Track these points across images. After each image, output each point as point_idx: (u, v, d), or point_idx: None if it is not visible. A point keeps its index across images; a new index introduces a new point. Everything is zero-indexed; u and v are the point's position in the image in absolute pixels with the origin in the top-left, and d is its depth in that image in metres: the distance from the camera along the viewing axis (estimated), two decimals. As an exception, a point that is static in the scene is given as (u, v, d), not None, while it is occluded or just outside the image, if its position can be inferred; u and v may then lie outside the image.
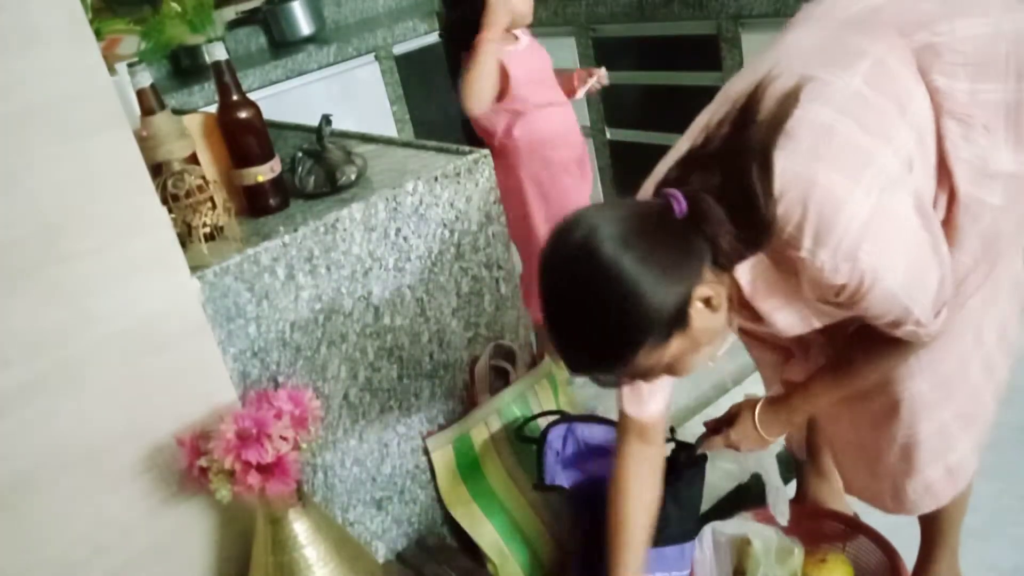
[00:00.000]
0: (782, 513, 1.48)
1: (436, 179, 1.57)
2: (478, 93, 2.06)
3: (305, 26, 3.51)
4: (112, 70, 1.52)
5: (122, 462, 1.29)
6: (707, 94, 1.29)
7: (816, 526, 1.59)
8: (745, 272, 1.08)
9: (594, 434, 1.67)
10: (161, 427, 1.30)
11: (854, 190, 1.01)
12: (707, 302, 1.03)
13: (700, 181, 1.04)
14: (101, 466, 1.27)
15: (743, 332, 1.47)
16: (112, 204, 1.20)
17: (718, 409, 2.18)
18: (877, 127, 1.06)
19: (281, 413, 1.28)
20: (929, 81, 1.12)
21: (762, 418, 1.32)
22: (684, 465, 1.47)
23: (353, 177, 1.56)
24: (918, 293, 1.08)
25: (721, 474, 1.66)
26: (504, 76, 2.10)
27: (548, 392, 1.82)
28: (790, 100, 1.04)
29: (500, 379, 1.76)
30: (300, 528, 1.32)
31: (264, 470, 1.23)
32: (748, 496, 1.79)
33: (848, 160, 1.03)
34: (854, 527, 1.57)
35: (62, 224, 1.17)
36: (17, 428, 1.18)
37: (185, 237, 1.36)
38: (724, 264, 1.05)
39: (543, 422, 1.70)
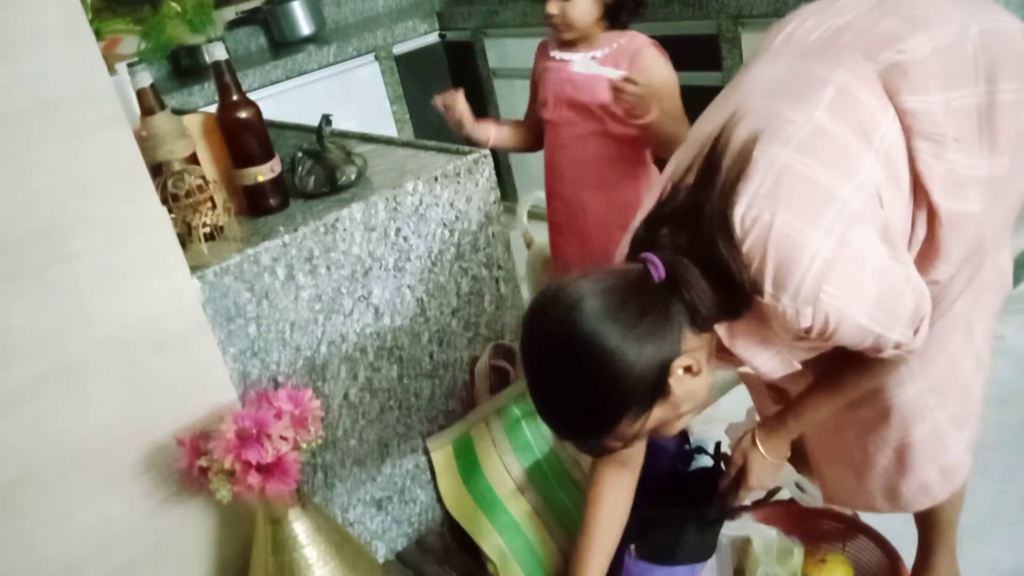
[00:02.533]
0: (816, 499, 1.46)
1: (436, 179, 1.57)
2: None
3: (305, 26, 3.51)
4: (112, 70, 1.52)
5: (122, 462, 1.29)
6: (707, 94, 1.29)
7: (816, 526, 1.59)
8: (723, 328, 1.09)
9: None
10: (161, 427, 1.30)
11: (812, 232, 1.01)
12: (687, 369, 1.05)
13: (670, 239, 1.05)
14: (101, 466, 1.27)
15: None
16: (112, 204, 1.20)
17: (717, 409, 2.18)
18: (839, 162, 1.06)
19: (281, 413, 1.28)
20: (897, 103, 1.11)
21: (767, 448, 1.31)
22: (717, 516, 1.43)
23: (353, 177, 1.56)
24: (891, 322, 1.08)
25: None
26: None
27: None
28: (749, 146, 1.04)
29: (500, 379, 1.77)
30: (300, 528, 1.32)
31: (264, 470, 1.23)
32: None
33: (806, 201, 1.02)
34: (854, 527, 1.57)
35: (62, 224, 1.17)
36: (17, 428, 1.18)
37: (185, 237, 1.36)
38: (703, 325, 1.06)
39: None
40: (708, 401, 1.18)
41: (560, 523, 1.74)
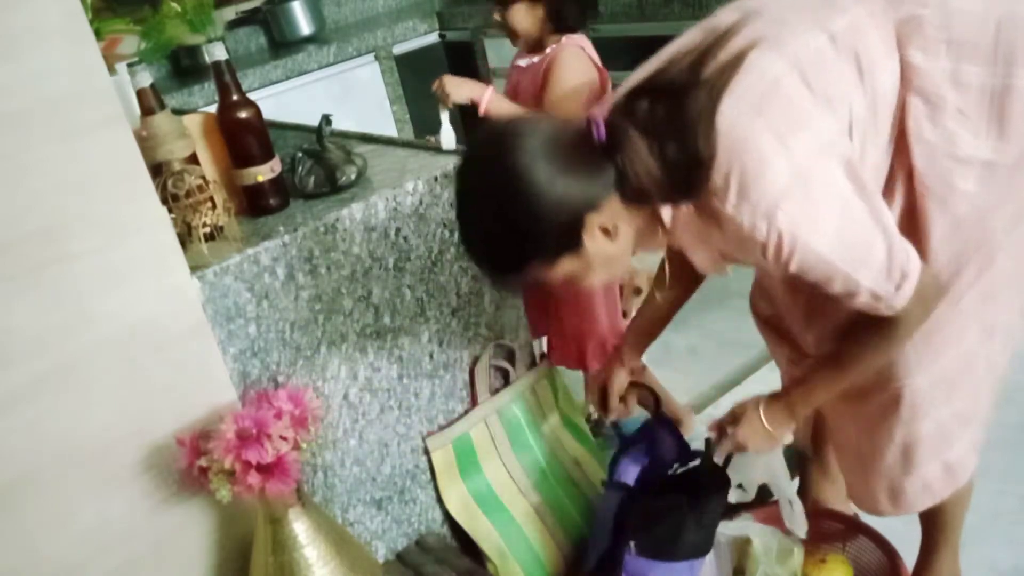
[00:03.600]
0: (800, 526, 1.46)
1: (436, 179, 1.57)
2: None
3: (305, 26, 3.51)
4: (112, 70, 1.52)
5: (122, 462, 1.29)
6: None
7: (816, 526, 1.59)
8: (667, 211, 1.11)
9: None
10: (161, 427, 1.30)
11: (782, 152, 1.03)
12: (604, 230, 1.07)
13: (647, 111, 1.06)
14: (101, 466, 1.27)
15: (762, 326, 1.48)
16: (112, 204, 1.20)
17: (718, 409, 2.18)
18: (826, 89, 1.07)
19: (281, 413, 1.28)
20: (904, 55, 1.12)
21: (767, 414, 1.32)
22: (711, 489, 1.44)
23: (353, 177, 1.56)
24: (858, 261, 1.08)
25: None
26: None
27: (548, 392, 1.82)
28: (750, 48, 1.07)
29: (500, 379, 1.77)
30: (300, 528, 1.32)
31: (264, 470, 1.23)
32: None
33: (785, 119, 1.04)
34: (854, 527, 1.57)
35: (62, 224, 1.17)
36: (17, 428, 1.18)
37: (185, 237, 1.36)
38: (635, 198, 1.07)
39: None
40: (622, 269, 1.20)
41: (560, 523, 1.74)
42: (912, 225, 1.18)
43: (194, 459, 1.25)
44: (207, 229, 1.39)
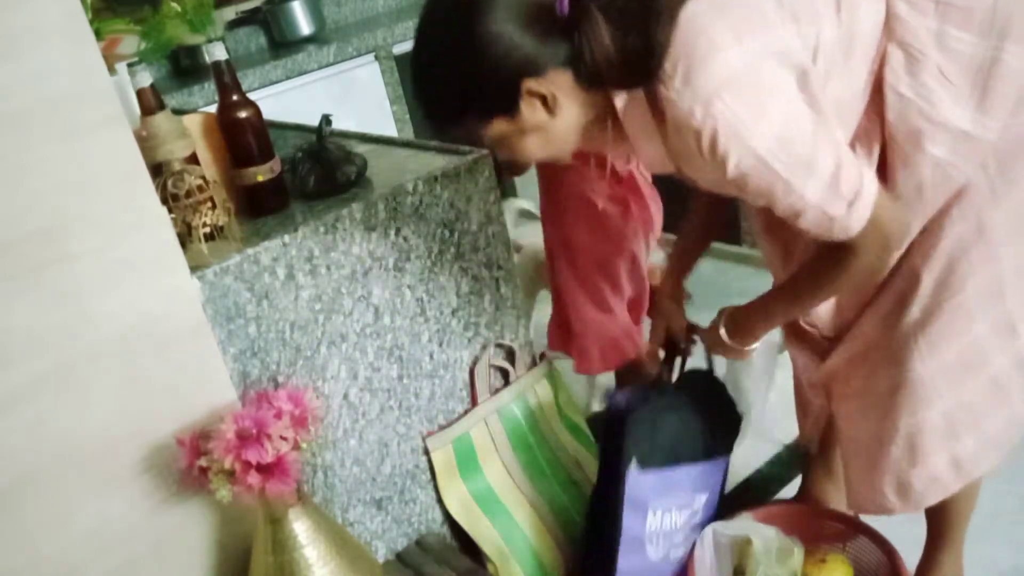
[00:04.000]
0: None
1: (436, 179, 1.57)
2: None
3: (305, 26, 3.51)
4: (112, 70, 1.52)
5: (122, 462, 1.29)
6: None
7: (816, 526, 1.59)
8: (621, 97, 1.11)
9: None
10: (161, 427, 1.30)
11: (734, 45, 1.02)
12: (542, 99, 1.08)
13: None
14: (101, 466, 1.27)
15: (787, 329, 1.49)
16: (112, 204, 1.20)
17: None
18: (795, 6, 1.07)
19: (281, 413, 1.28)
20: (890, 3, 1.12)
21: (727, 323, 1.38)
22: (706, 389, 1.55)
23: (353, 177, 1.56)
24: (801, 170, 1.06)
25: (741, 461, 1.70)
26: None
27: (548, 392, 1.82)
28: None
29: (501, 379, 1.77)
30: (300, 528, 1.32)
31: (264, 470, 1.23)
32: (749, 496, 1.80)
33: (745, 20, 1.04)
34: (854, 527, 1.57)
35: (62, 224, 1.17)
36: (17, 428, 1.18)
37: (185, 237, 1.36)
38: (588, 80, 1.08)
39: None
40: (565, 150, 1.20)
41: (560, 523, 1.74)
42: (882, 181, 1.18)
43: (194, 459, 1.25)
44: (207, 229, 1.39)
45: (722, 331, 1.38)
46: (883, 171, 1.19)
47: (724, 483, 1.66)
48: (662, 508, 1.53)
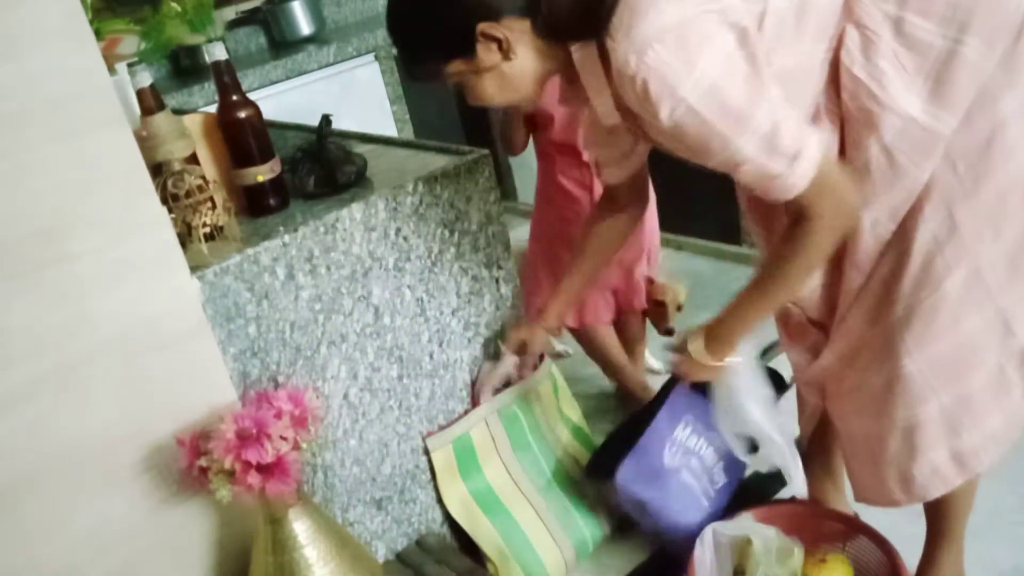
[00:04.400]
0: (798, 481, 1.47)
1: (436, 179, 1.57)
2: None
3: (305, 26, 3.51)
4: (112, 70, 1.52)
5: (122, 462, 1.29)
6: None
7: (816, 526, 1.59)
8: (577, 49, 1.16)
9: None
10: (161, 427, 1.30)
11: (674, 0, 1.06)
12: (499, 44, 1.15)
13: None
14: (101, 466, 1.27)
15: (780, 322, 1.49)
16: (112, 204, 1.20)
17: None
18: None
19: (281, 413, 1.28)
20: None
21: (706, 338, 1.35)
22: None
23: (353, 177, 1.56)
24: (737, 123, 1.08)
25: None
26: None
27: (549, 392, 1.82)
28: None
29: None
30: (300, 528, 1.32)
31: (264, 470, 1.23)
32: (749, 496, 1.80)
33: None
34: (854, 527, 1.57)
35: (62, 224, 1.17)
36: (17, 428, 1.18)
37: (185, 237, 1.36)
38: (543, 29, 1.15)
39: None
40: (526, 96, 1.24)
41: (560, 522, 1.74)
42: (842, 159, 1.22)
43: (194, 459, 1.25)
44: (207, 229, 1.39)
45: (694, 346, 1.35)
46: (842, 149, 1.23)
47: (739, 475, 1.75)
48: (692, 427, 1.63)
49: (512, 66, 1.18)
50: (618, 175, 1.45)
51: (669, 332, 2.11)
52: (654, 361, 2.37)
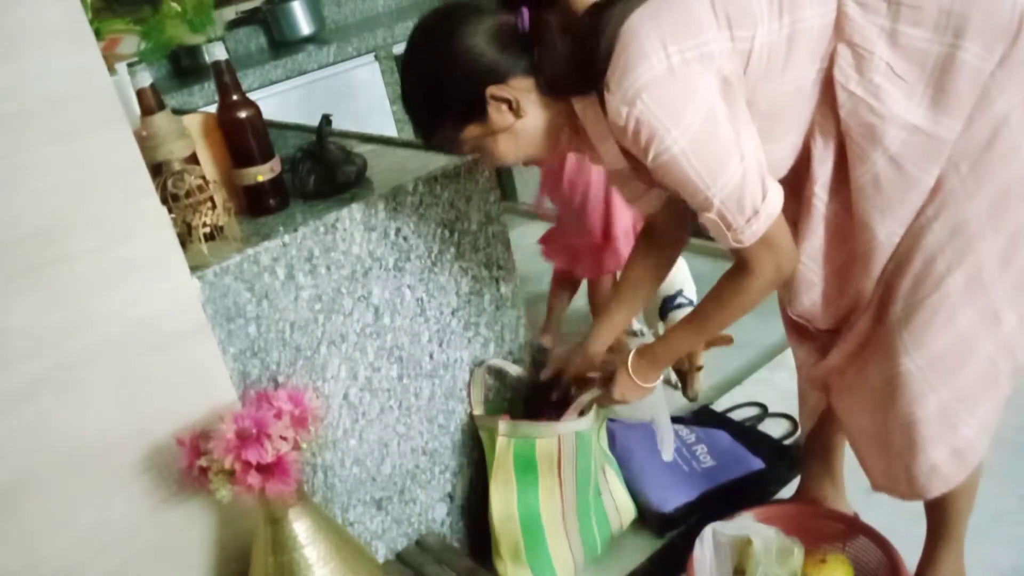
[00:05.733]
0: (667, 450, 1.68)
1: (436, 179, 1.57)
2: None
3: (305, 26, 3.51)
4: (112, 70, 1.52)
5: (122, 462, 1.29)
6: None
7: (816, 526, 1.59)
8: (580, 102, 1.23)
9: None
10: (161, 427, 1.30)
11: (660, 51, 1.11)
12: (508, 105, 1.22)
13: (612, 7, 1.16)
14: (101, 466, 1.27)
15: (788, 324, 1.50)
16: (112, 204, 1.20)
17: (716, 408, 2.18)
18: (729, 11, 1.14)
19: (281, 413, 1.28)
20: (842, 5, 1.18)
21: (635, 368, 1.45)
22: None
23: (353, 177, 1.56)
24: (711, 175, 1.15)
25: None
26: None
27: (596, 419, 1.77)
28: None
29: (498, 380, 1.76)
30: (300, 528, 1.32)
31: (264, 470, 1.23)
32: (749, 495, 1.80)
33: (675, 27, 1.13)
34: (854, 527, 1.57)
35: (62, 224, 1.17)
36: (17, 428, 1.18)
37: (185, 237, 1.36)
38: (547, 85, 1.23)
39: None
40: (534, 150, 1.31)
41: (580, 530, 1.72)
42: (842, 175, 1.26)
43: (194, 459, 1.25)
44: (207, 229, 1.39)
45: (633, 378, 1.46)
46: (843, 165, 1.25)
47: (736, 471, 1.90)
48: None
49: (524, 123, 1.25)
50: (649, 206, 1.47)
51: (694, 398, 2.14)
52: (635, 323, 2.54)
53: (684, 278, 2.27)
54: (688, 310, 2.20)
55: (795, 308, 1.42)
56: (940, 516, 1.49)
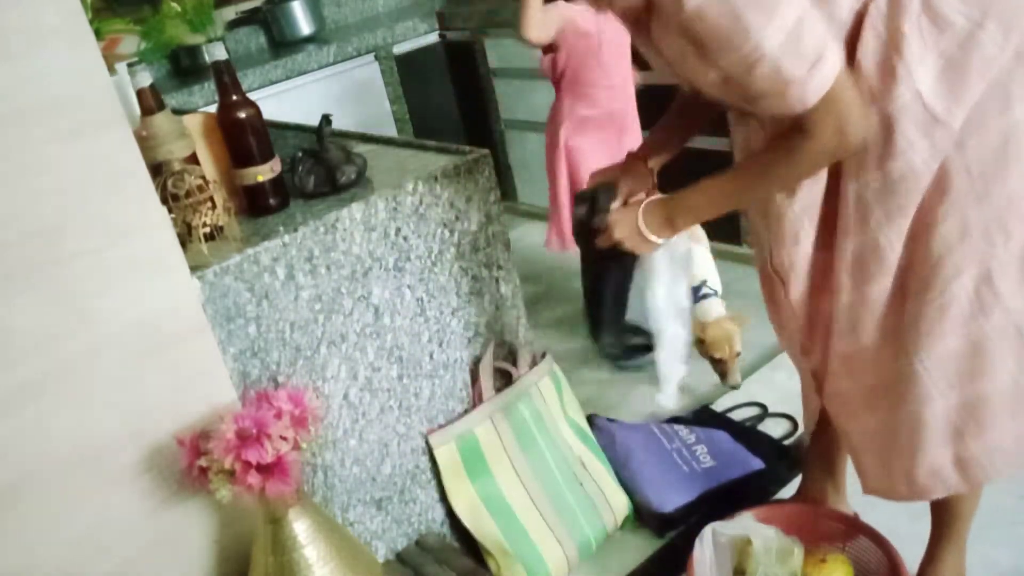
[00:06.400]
0: (667, 393, 1.47)
1: (436, 179, 1.57)
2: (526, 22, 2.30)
3: (305, 26, 3.51)
4: (112, 70, 1.52)
5: (122, 462, 1.29)
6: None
7: (816, 526, 1.59)
8: None
9: None
10: (161, 427, 1.30)
11: None
12: None
13: None
14: (101, 466, 1.27)
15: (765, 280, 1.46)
16: (112, 204, 1.20)
17: (717, 408, 2.18)
18: None
19: (281, 413, 1.28)
20: None
21: (645, 215, 1.29)
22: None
23: (353, 177, 1.56)
24: (761, 12, 1.03)
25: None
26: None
27: (552, 391, 1.82)
28: None
29: (501, 380, 1.76)
30: (300, 528, 1.32)
31: (264, 470, 1.23)
32: (749, 495, 1.80)
33: None
34: (854, 527, 1.57)
35: (62, 224, 1.17)
36: (17, 428, 1.18)
37: (185, 237, 1.36)
38: None
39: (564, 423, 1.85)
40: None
41: (563, 521, 1.74)
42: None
43: (194, 459, 1.25)
44: (207, 229, 1.39)
45: (640, 222, 1.28)
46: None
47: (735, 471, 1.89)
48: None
49: None
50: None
51: (736, 385, 2.14)
52: (711, 283, 2.48)
53: (708, 269, 2.25)
54: (715, 300, 2.19)
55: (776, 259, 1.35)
56: (945, 516, 1.49)
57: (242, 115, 1.47)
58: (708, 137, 2.80)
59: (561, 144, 2.41)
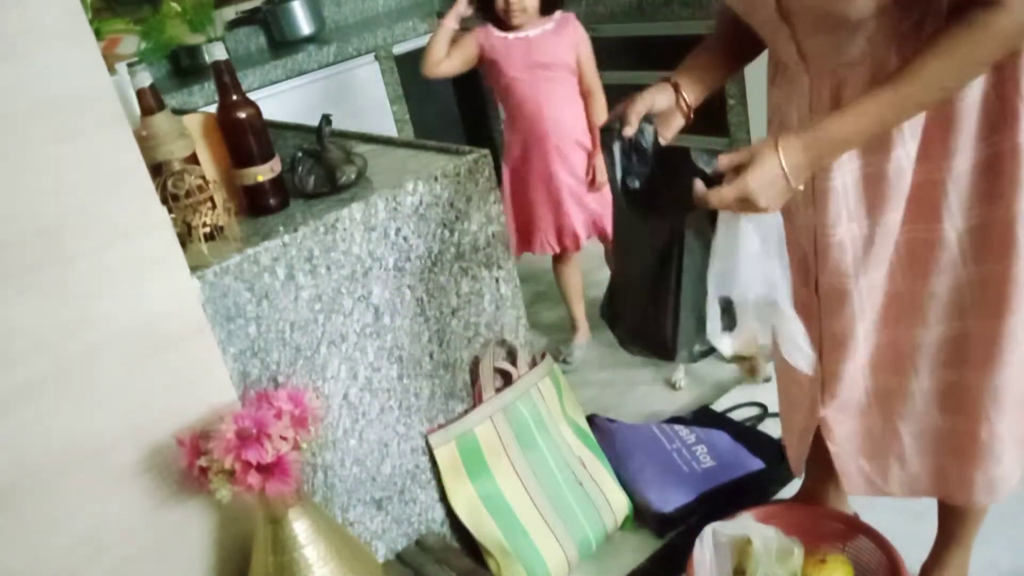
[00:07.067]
0: (803, 358, 1.20)
1: (436, 179, 1.57)
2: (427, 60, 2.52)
3: (305, 26, 3.51)
4: (112, 70, 1.52)
5: (122, 462, 1.29)
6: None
7: (816, 526, 1.59)
8: None
9: None
10: (161, 427, 1.30)
11: None
12: None
13: None
14: (101, 466, 1.27)
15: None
16: (112, 204, 1.20)
17: (717, 408, 2.18)
18: None
19: (281, 413, 1.28)
20: None
21: (786, 152, 1.03)
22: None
23: (353, 177, 1.56)
24: None
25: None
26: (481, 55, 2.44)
27: (552, 391, 1.82)
28: None
29: (501, 380, 1.76)
30: (300, 528, 1.32)
31: (264, 470, 1.23)
32: (748, 495, 1.80)
33: None
34: (854, 527, 1.57)
35: (62, 224, 1.17)
36: (17, 428, 1.18)
37: (185, 237, 1.36)
38: None
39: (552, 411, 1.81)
40: None
41: (563, 521, 1.75)
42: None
43: (194, 459, 1.25)
44: (207, 229, 1.39)
45: (782, 162, 1.03)
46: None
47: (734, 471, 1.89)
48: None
49: None
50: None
51: (768, 379, 2.13)
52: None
53: None
54: None
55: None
56: (955, 519, 1.48)
57: (242, 115, 1.47)
58: (704, 136, 2.81)
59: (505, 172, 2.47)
